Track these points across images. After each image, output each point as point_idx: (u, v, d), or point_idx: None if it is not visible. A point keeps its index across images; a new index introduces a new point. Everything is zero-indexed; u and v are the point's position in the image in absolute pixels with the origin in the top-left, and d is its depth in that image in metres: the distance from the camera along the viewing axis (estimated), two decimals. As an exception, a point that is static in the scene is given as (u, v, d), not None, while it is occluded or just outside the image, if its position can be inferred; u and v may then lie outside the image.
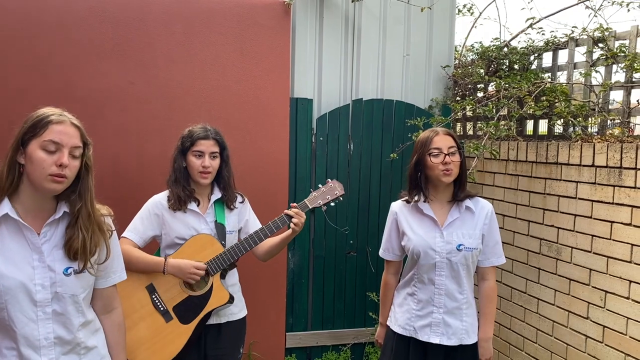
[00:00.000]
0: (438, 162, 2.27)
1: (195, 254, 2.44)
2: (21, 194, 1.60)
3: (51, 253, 1.63)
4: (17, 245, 1.58)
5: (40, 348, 1.60)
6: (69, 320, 1.66)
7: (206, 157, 2.43)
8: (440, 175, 2.28)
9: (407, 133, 3.92)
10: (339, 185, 2.55)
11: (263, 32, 3.64)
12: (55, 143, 1.57)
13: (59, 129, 1.58)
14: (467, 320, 2.36)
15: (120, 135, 3.41)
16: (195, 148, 2.43)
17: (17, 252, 1.58)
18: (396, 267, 2.55)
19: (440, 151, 2.28)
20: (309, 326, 4.05)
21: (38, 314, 1.59)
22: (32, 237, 1.60)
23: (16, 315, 1.56)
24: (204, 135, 2.45)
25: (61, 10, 3.28)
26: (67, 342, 1.66)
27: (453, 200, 2.37)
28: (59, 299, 1.62)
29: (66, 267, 1.64)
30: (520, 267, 3.56)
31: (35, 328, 1.59)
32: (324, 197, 2.53)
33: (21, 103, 3.09)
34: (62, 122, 1.60)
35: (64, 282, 1.63)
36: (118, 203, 2.79)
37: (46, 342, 1.61)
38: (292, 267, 3.96)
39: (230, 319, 2.56)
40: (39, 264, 1.60)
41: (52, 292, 1.61)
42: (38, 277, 1.59)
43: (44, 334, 1.60)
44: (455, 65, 4.45)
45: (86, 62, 3.34)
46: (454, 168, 2.28)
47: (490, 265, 2.42)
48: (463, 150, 2.37)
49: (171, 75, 3.49)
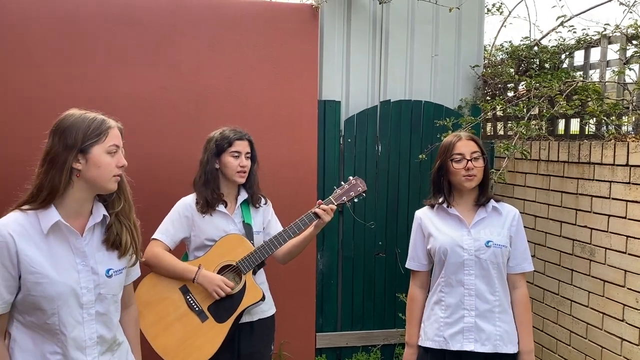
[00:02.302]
0: (460, 167, 2.26)
1: (227, 253, 2.48)
2: (67, 199, 1.64)
3: (93, 256, 1.68)
4: (63, 250, 1.63)
5: (85, 348, 1.66)
6: (110, 320, 1.73)
7: (242, 156, 2.52)
8: (462, 181, 2.28)
9: (436, 133, 3.91)
10: (361, 182, 2.60)
11: (291, 35, 3.68)
12: (116, 147, 1.67)
13: (115, 134, 1.67)
14: (501, 326, 2.26)
15: (153, 139, 3.50)
16: (233, 149, 2.51)
17: (63, 257, 1.63)
18: (423, 279, 2.44)
19: (463, 157, 2.26)
20: (338, 327, 4.06)
21: (84, 316, 1.65)
22: (77, 242, 1.65)
23: (67, 319, 1.61)
24: (239, 136, 2.55)
25: (94, 18, 3.39)
26: (106, 341, 1.72)
27: (477, 204, 2.35)
28: (101, 299, 1.69)
29: (107, 269, 1.70)
30: (552, 268, 3.51)
31: (81, 330, 1.65)
32: (348, 194, 2.57)
33: (59, 107, 3.19)
34: (115, 126, 1.69)
35: (106, 284, 1.69)
36: (151, 207, 2.87)
37: (90, 342, 1.67)
38: (321, 268, 3.98)
39: (262, 317, 2.61)
40: (83, 267, 1.65)
41: (96, 293, 1.67)
42: (83, 280, 1.64)
43: (88, 335, 1.66)
44: (484, 64, 4.42)
45: (119, 67, 3.44)
46: (477, 173, 2.27)
47: (521, 271, 2.34)
48: (487, 154, 2.35)
49: (201, 79, 3.56)
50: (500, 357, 2.26)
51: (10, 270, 1.56)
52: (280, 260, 2.67)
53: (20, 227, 1.58)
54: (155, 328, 2.42)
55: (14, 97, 3.30)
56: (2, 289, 1.56)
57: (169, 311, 2.44)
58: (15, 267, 1.56)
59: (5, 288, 1.57)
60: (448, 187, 2.35)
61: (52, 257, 1.60)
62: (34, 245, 1.58)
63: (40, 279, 1.57)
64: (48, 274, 1.58)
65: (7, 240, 1.55)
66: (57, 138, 1.61)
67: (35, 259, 1.57)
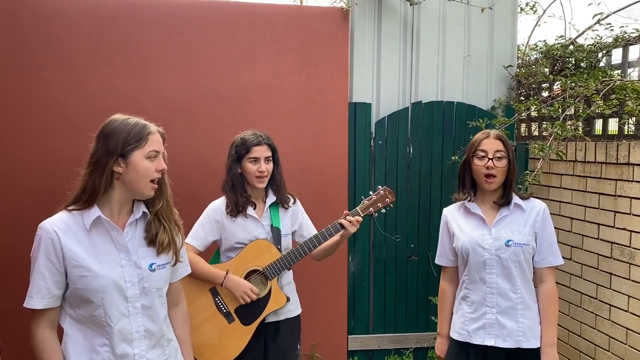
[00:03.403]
0: (481, 165, 2.28)
1: (255, 258, 2.55)
2: (109, 199, 1.72)
3: (136, 251, 1.75)
4: (106, 246, 1.71)
5: (132, 341, 1.73)
6: (156, 313, 1.79)
7: (261, 162, 2.54)
8: (482, 182, 2.30)
9: (469, 135, 3.86)
10: (390, 192, 2.60)
11: (322, 38, 3.71)
12: (156, 152, 1.73)
13: (156, 139, 1.74)
14: (524, 322, 2.28)
15: (187, 142, 3.56)
16: (251, 155, 2.54)
17: (107, 253, 1.71)
18: (452, 273, 2.49)
19: (486, 154, 2.27)
20: (370, 329, 4.05)
21: (129, 309, 1.72)
22: (119, 237, 1.73)
23: (112, 312, 1.68)
24: (257, 142, 2.55)
25: (132, 25, 3.48)
26: (154, 334, 1.78)
27: (497, 203, 2.34)
28: (146, 293, 1.76)
29: (150, 263, 1.77)
30: (590, 271, 3.43)
31: (127, 322, 1.72)
32: (375, 205, 2.58)
33: (99, 110, 3.29)
34: (156, 132, 1.75)
35: (150, 277, 1.76)
36: (184, 210, 2.93)
37: (137, 335, 1.74)
38: (353, 271, 3.98)
39: (288, 316, 2.66)
40: (127, 262, 1.73)
41: (140, 287, 1.74)
42: (127, 274, 1.72)
43: (135, 327, 1.73)
44: (518, 64, 4.35)
45: (155, 72, 3.52)
46: (497, 175, 2.26)
47: (547, 265, 2.33)
48: (514, 156, 2.33)
49: (235, 84, 3.62)
50: (524, 352, 2.29)
51: (57, 266, 1.65)
52: (315, 258, 2.73)
53: (64, 224, 1.67)
54: None
55: (58, 99, 3.41)
56: (50, 283, 1.65)
57: (199, 311, 2.53)
58: (61, 263, 1.65)
59: (53, 283, 1.66)
60: (471, 183, 2.38)
61: (94, 251, 1.69)
62: (77, 240, 1.67)
63: (84, 272, 1.65)
64: (91, 267, 1.66)
65: (52, 237, 1.64)
66: (100, 142, 1.69)
67: (79, 253, 1.66)
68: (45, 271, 1.64)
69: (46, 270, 1.64)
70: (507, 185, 2.32)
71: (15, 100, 3.37)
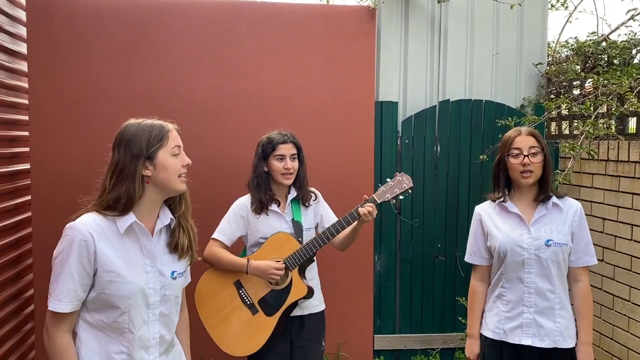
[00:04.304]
0: (517, 162, 2.27)
1: (275, 251, 2.60)
2: (141, 203, 1.71)
3: (160, 258, 1.75)
4: (135, 251, 1.70)
5: (149, 348, 1.72)
6: (171, 321, 1.80)
7: (287, 159, 2.61)
8: (519, 178, 2.28)
9: (498, 134, 3.82)
10: (407, 178, 2.59)
11: (348, 37, 3.70)
12: (179, 147, 1.74)
13: (175, 135, 1.75)
14: (561, 322, 2.27)
15: (214, 141, 3.60)
16: (277, 152, 2.61)
17: (135, 258, 1.70)
18: (483, 272, 2.45)
19: (520, 152, 2.27)
20: (396, 329, 4.04)
21: (149, 316, 1.71)
22: (148, 243, 1.72)
23: (135, 318, 1.67)
24: (283, 140, 2.63)
25: (161, 27, 3.53)
26: (166, 341, 1.78)
27: (536, 200, 2.32)
28: (165, 300, 1.75)
29: (172, 271, 1.77)
30: (622, 273, 3.35)
31: (147, 329, 1.71)
32: (392, 191, 2.58)
33: (131, 110, 3.34)
34: (173, 129, 1.76)
35: (171, 285, 1.76)
36: (210, 207, 2.97)
37: (153, 342, 1.73)
38: (379, 270, 3.97)
39: (312, 311, 2.70)
40: (151, 268, 1.72)
41: (161, 294, 1.74)
42: (151, 281, 1.71)
43: (152, 334, 1.73)
44: (548, 62, 4.28)
45: (183, 73, 3.57)
46: (534, 170, 2.25)
47: (583, 265, 2.31)
48: (547, 150, 2.31)
49: (260, 83, 3.64)
50: (558, 351, 2.26)
51: (87, 269, 1.62)
52: (337, 248, 2.76)
53: (98, 227, 1.64)
54: (213, 319, 2.61)
55: (90, 99, 3.48)
56: (78, 286, 1.62)
57: (225, 304, 2.61)
58: (91, 266, 1.62)
59: (80, 286, 1.62)
60: (507, 183, 2.36)
61: (126, 257, 1.67)
62: (110, 245, 1.65)
63: (114, 277, 1.63)
64: (121, 273, 1.64)
65: (87, 239, 1.61)
66: (122, 150, 1.67)
67: (111, 258, 1.64)
68: (75, 273, 1.60)
69: (76, 272, 1.60)
70: (543, 181, 2.30)
71: (55, 105, 3.46)
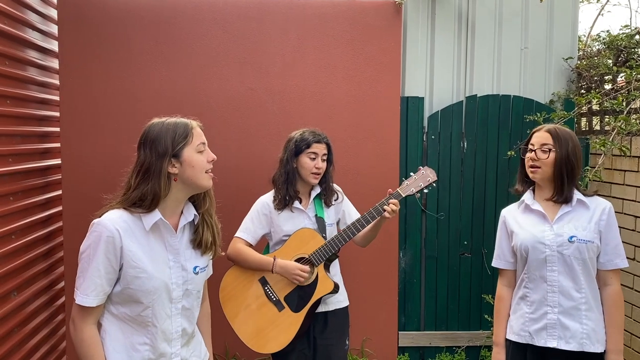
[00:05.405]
0: (527, 157, 2.29)
1: (299, 247, 2.60)
2: (167, 200, 1.74)
3: (183, 253, 1.79)
4: (158, 247, 1.74)
5: (171, 340, 1.77)
6: (192, 314, 1.84)
7: (319, 159, 2.62)
8: (528, 172, 2.29)
9: (526, 129, 3.75)
10: (431, 171, 2.59)
11: (374, 32, 3.69)
12: (203, 144, 1.76)
13: (199, 132, 1.77)
14: (588, 324, 2.18)
15: (240, 138, 3.63)
16: (310, 150, 2.61)
17: (159, 254, 1.74)
18: (510, 277, 2.39)
19: (532, 147, 2.26)
20: (421, 326, 4.01)
21: (172, 310, 1.76)
22: (172, 239, 1.76)
23: (159, 312, 1.72)
24: (318, 139, 2.63)
25: (189, 24, 3.58)
26: (187, 334, 1.83)
27: (550, 200, 2.27)
28: (188, 295, 1.79)
29: (195, 266, 1.81)
30: (655, 273, 3.26)
31: (170, 323, 1.76)
32: (417, 185, 2.58)
33: (159, 107, 3.40)
34: (196, 126, 1.78)
35: (193, 280, 1.80)
36: (235, 203, 3.00)
37: (176, 335, 1.78)
38: (404, 267, 3.95)
39: (337, 307, 2.70)
40: (174, 264, 1.76)
41: (184, 289, 1.78)
42: (174, 276, 1.75)
43: (175, 328, 1.77)
44: (579, 56, 4.18)
45: (210, 70, 3.60)
46: (541, 166, 2.23)
47: (613, 267, 2.21)
48: (564, 150, 2.20)
49: (286, 79, 3.65)
50: (585, 356, 2.18)
51: (114, 264, 1.66)
52: (359, 244, 2.76)
53: (125, 223, 1.68)
54: (239, 317, 2.61)
55: (119, 95, 3.55)
56: (104, 281, 1.66)
57: (250, 301, 2.61)
58: (118, 261, 1.66)
59: (106, 280, 1.66)
60: (523, 177, 2.38)
61: (150, 253, 1.71)
62: (136, 241, 1.69)
63: (139, 273, 1.67)
64: (146, 269, 1.68)
65: (114, 235, 1.64)
66: (147, 149, 1.70)
67: (137, 254, 1.68)
68: (102, 269, 1.64)
69: (103, 267, 1.64)
70: (559, 181, 2.23)
71: (85, 102, 3.53)
